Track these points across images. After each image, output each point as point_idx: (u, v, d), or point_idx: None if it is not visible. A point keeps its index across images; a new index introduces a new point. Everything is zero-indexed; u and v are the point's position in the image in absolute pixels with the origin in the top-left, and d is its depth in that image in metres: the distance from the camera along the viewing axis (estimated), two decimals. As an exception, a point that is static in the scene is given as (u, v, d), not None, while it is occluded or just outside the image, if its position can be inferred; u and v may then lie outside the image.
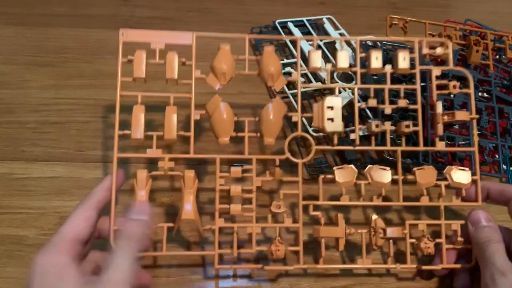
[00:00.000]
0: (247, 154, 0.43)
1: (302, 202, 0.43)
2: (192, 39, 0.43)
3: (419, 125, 0.45)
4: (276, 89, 0.44)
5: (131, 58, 0.42)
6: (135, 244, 0.35)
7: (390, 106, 0.45)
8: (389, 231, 0.42)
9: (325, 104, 0.43)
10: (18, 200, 0.47)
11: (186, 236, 0.46)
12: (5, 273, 0.43)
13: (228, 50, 0.43)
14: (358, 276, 0.45)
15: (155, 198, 0.48)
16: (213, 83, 0.43)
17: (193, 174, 0.41)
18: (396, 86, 0.45)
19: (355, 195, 0.44)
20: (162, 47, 0.43)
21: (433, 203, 0.44)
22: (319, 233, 0.42)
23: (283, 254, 0.41)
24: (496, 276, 0.37)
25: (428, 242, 0.43)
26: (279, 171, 0.43)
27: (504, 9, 0.76)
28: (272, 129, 0.43)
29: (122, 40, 0.42)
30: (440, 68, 0.46)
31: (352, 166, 0.43)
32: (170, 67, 0.42)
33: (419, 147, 0.45)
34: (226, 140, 0.42)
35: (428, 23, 0.57)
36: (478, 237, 0.41)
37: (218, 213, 0.42)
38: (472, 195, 0.44)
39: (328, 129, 0.43)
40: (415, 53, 0.45)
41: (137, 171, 0.40)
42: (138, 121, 0.41)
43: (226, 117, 0.42)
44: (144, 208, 0.38)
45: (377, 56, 0.45)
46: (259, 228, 0.42)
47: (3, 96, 0.55)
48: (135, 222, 0.37)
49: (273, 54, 0.44)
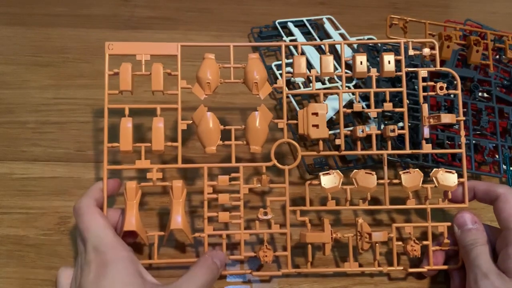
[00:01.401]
0: (234, 162, 0.43)
1: (289, 208, 0.43)
2: (177, 50, 0.44)
3: (406, 128, 0.45)
4: (261, 96, 0.44)
5: (117, 71, 0.43)
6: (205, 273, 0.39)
7: (375, 110, 0.45)
8: (374, 236, 0.42)
9: (309, 110, 0.44)
10: (18, 200, 0.47)
11: (180, 238, 0.46)
12: (5, 273, 0.43)
13: (212, 59, 0.44)
14: (357, 276, 0.45)
15: (146, 202, 0.48)
16: (199, 93, 0.43)
17: (181, 184, 0.42)
18: (381, 89, 0.46)
19: (345, 197, 0.44)
20: (148, 58, 0.43)
21: (419, 206, 0.44)
22: (305, 239, 0.42)
23: (271, 259, 0.42)
24: (479, 278, 0.38)
25: (414, 245, 0.43)
26: (266, 178, 0.43)
27: (504, 9, 0.76)
28: (258, 137, 0.43)
29: (108, 53, 0.43)
30: (426, 69, 0.45)
31: (338, 171, 0.43)
32: (156, 79, 0.43)
33: (405, 150, 0.45)
34: (213, 150, 0.43)
35: (428, 23, 0.57)
36: (464, 239, 0.41)
37: (207, 221, 0.42)
38: (459, 196, 0.44)
39: (313, 135, 0.43)
40: (400, 54, 0.45)
41: (126, 183, 0.41)
42: (126, 134, 0.42)
43: (212, 127, 0.43)
44: (222, 258, 0.41)
45: (362, 60, 0.44)
46: (247, 235, 0.43)
47: (3, 96, 0.55)
48: (215, 265, 0.40)
49: (258, 62, 0.44)
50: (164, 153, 0.43)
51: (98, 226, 0.38)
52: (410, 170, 0.44)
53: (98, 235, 0.38)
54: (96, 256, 0.37)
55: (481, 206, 0.45)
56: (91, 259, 0.37)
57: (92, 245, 0.37)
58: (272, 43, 0.59)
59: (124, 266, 0.36)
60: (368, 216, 0.48)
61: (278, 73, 0.58)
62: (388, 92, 0.45)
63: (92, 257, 0.37)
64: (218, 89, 0.45)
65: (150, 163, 0.42)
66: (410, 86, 0.52)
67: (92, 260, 0.36)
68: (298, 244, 0.45)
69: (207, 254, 0.41)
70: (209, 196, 0.42)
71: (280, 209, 0.48)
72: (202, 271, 0.39)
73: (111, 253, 0.37)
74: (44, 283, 0.42)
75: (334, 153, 0.46)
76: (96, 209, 0.40)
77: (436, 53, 0.46)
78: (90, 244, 0.37)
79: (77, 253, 0.39)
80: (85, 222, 0.39)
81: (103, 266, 0.36)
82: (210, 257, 0.41)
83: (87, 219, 0.39)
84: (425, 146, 0.44)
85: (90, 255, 0.37)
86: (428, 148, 0.45)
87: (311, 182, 0.44)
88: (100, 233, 0.38)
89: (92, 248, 0.37)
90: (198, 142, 0.44)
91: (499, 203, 0.41)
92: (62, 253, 0.44)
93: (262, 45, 0.56)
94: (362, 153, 0.45)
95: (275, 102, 0.56)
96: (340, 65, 0.46)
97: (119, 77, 0.42)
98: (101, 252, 0.37)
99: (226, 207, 0.45)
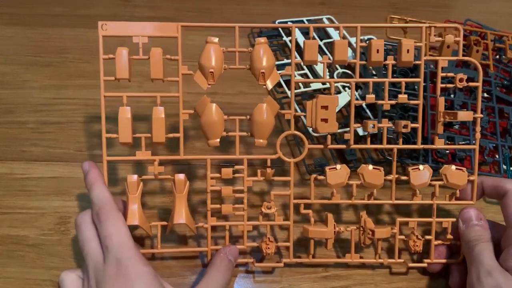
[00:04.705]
0: (238, 155, 0.42)
1: (293, 201, 0.43)
2: (178, 31, 0.40)
3: (419, 122, 0.43)
4: (269, 86, 0.41)
5: (112, 56, 0.40)
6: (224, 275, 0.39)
7: (389, 102, 0.42)
8: (377, 233, 0.42)
9: (318, 103, 0.41)
10: (18, 200, 0.47)
11: (182, 231, 0.46)
12: (5, 273, 0.43)
13: (216, 44, 0.40)
14: (358, 275, 0.45)
15: (147, 199, 0.48)
16: (201, 82, 0.40)
17: (184, 178, 0.41)
18: (397, 79, 0.43)
19: (350, 194, 0.44)
20: (146, 41, 0.40)
21: (426, 201, 0.43)
22: (308, 234, 0.42)
23: (273, 251, 0.42)
24: (482, 275, 0.37)
25: (416, 240, 0.43)
26: (271, 171, 0.42)
27: (504, 9, 0.76)
28: (264, 129, 0.41)
29: (102, 34, 0.40)
30: (447, 58, 0.42)
31: (345, 165, 0.43)
32: (155, 66, 0.40)
33: (417, 145, 0.44)
34: (216, 142, 0.41)
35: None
36: (468, 235, 0.41)
37: (210, 213, 0.42)
38: (468, 195, 0.43)
39: (321, 130, 0.42)
40: (421, 41, 0.41)
41: (128, 176, 0.40)
42: (124, 124, 0.40)
43: (215, 118, 0.41)
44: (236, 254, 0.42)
45: (379, 47, 0.41)
46: (250, 226, 0.42)
47: (3, 96, 0.55)
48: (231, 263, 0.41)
49: (266, 47, 0.41)
50: (164, 145, 0.42)
51: (122, 235, 0.36)
52: (419, 166, 0.43)
53: (120, 245, 0.36)
54: (118, 270, 0.35)
55: (481, 206, 0.45)
56: (113, 273, 0.35)
57: (115, 256, 0.35)
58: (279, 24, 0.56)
59: (148, 282, 0.35)
60: (372, 216, 0.48)
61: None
62: (404, 83, 0.42)
63: (113, 271, 0.35)
64: (218, 89, 0.45)
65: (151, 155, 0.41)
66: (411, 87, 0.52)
67: (114, 274, 0.35)
68: (300, 240, 0.45)
69: (222, 252, 0.40)
70: (212, 188, 0.42)
71: (282, 208, 0.48)
72: (220, 274, 0.39)
73: (134, 268, 0.35)
74: (44, 283, 0.42)
75: (342, 146, 0.44)
76: (119, 214, 0.38)
77: (460, 40, 0.42)
78: (112, 254, 0.35)
79: (77, 253, 0.39)
80: (108, 228, 0.37)
81: (127, 281, 0.34)
82: (225, 256, 0.40)
83: (110, 224, 0.37)
84: (438, 141, 0.43)
85: (111, 268, 0.35)
86: (440, 143, 0.43)
87: (316, 177, 0.43)
88: (123, 244, 0.36)
89: (115, 260, 0.35)
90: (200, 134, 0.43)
91: (507, 200, 0.40)
92: (62, 253, 0.44)
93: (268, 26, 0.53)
94: (372, 147, 0.44)
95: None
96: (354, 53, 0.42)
97: (115, 63, 0.40)
98: (124, 266, 0.35)
99: (229, 201, 0.45)
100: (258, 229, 0.46)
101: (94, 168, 0.40)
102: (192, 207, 0.47)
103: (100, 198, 0.38)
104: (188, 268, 0.44)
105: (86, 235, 0.38)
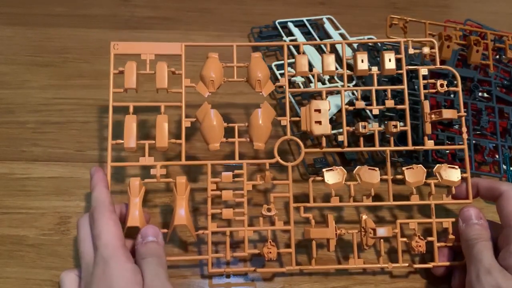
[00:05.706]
0: (238, 159, 0.44)
1: (293, 205, 0.43)
2: (181, 49, 0.45)
3: (407, 125, 0.45)
4: (264, 94, 0.45)
5: (122, 69, 0.43)
6: (160, 260, 0.38)
7: (378, 107, 0.46)
8: (379, 231, 0.42)
9: (311, 107, 0.44)
10: (18, 200, 0.47)
11: (183, 236, 0.46)
12: (5, 273, 0.43)
13: (216, 58, 0.45)
14: (358, 275, 0.45)
15: (149, 198, 0.48)
16: (203, 91, 0.44)
17: (185, 180, 0.42)
18: (383, 87, 0.47)
19: (348, 194, 0.44)
20: (152, 57, 0.44)
21: (423, 202, 0.44)
22: (309, 235, 0.42)
23: (275, 256, 0.42)
24: (481, 274, 0.37)
25: (419, 240, 0.43)
26: (270, 174, 0.44)
27: (504, 9, 0.76)
28: (261, 133, 0.44)
29: (113, 53, 0.44)
30: (427, 67, 0.46)
31: (341, 167, 0.44)
32: (160, 77, 0.44)
33: (408, 147, 0.45)
34: (216, 146, 0.43)
35: (428, 23, 0.57)
36: (468, 234, 0.41)
37: (211, 218, 0.42)
38: (463, 193, 0.44)
39: (316, 132, 0.44)
40: (401, 53, 0.46)
41: (130, 179, 0.41)
42: (130, 131, 0.42)
43: (215, 124, 0.43)
44: (155, 232, 0.40)
45: (363, 58, 0.45)
46: (251, 232, 0.43)
47: (3, 96, 0.55)
48: (152, 243, 0.39)
49: (261, 60, 0.46)
50: (167, 149, 0.43)
51: (109, 234, 0.37)
52: (413, 166, 0.44)
53: (107, 245, 0.36)
54: (103, 270, 0.35)
55: (481, 206, 0.45)
56: (99, 272, 0.35)
57: (101, 256, 0.35)
58: (274, 42, 0.59)
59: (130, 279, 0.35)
60: (371, 214, 0.48)
61: (278, 73, 0.58)
62: (390, 90, 0.46)
63: (100, 270, 0.35)
64: (218, 89, 0.45)
65: (154, 161, 0.43)
66: (410, 86, 0.52)
67: (100, 274, 0.35)
68: (301, 242, 0.45)
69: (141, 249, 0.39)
70: (212, 193, 0.43)
71: (283, 208, 0.48)
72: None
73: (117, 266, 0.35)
74: (44, 283, 0.42)
75: (337, 149, 0.46)
76: (112, 215, 0.38)
77: (436, 52, 0.47)
78: (99, 254, 0.36)
79: (77, 253, 0.39)
80: (98, 228, 0.37)
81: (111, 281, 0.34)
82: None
83: (101, 224, 0.37)
84: (428, 142, 0.45)
85: (98, 267, 0.35)
86: (430, 144, 0.45)
87: (314, 179, 0.44)
88: (110, 243, 0.36)
89: (102, 259, 0.35)
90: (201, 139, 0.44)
91: (502, 201, 0.41)
92: (62, 253, 0.44)
93: (263, 45, 0.56)
94: (364, 150, 0.45)
95: (275, 102, 0.56)
96: (341, 65, 0.46)
97: (124, 75, 0.43)
98: (109, 265, 0.35)
99: (230, 204, 0.45)
100: (260, 233, 0.46)
101: (98, 172, 0.42)
102: (194, 209, 0.48)
103: (97, 199, 0.39)
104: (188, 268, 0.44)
105: (81, 235, 0.38)
